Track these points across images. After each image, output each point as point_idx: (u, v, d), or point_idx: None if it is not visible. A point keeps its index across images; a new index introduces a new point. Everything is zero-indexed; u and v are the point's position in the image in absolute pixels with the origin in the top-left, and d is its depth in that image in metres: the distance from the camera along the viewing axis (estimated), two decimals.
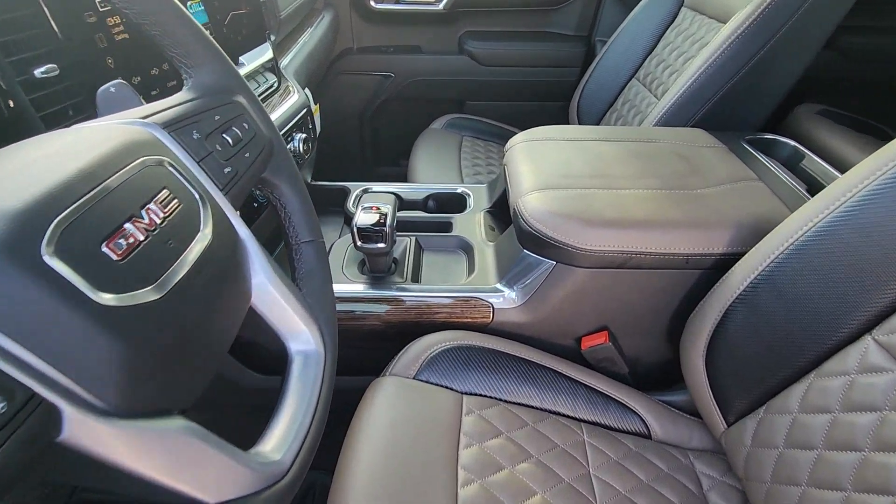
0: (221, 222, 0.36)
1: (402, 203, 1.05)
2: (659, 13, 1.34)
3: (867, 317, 0.51)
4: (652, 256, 0.70)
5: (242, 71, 0.81)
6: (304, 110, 0.95)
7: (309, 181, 1.05)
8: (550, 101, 1.74)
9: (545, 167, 0.82)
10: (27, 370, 0.22)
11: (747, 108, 1.03)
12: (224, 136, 0.41)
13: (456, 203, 1.04)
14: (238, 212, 0.42)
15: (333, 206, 1.06)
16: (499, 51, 1.67)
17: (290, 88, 0.96)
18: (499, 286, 0.80)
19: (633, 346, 0.82)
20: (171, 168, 0.33)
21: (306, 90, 1.22)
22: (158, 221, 0.30)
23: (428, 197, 1.05)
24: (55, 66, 0.50)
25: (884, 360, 0.49)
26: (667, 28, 1.34)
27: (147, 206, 0.30)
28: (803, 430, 0.57)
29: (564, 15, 1.63)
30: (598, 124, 1.49)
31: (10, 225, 0.23)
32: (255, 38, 0.87)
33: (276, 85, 0.91)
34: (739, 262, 0.66)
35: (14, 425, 0.21)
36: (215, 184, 0.39)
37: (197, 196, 0.34)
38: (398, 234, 0.91)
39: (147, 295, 0.27)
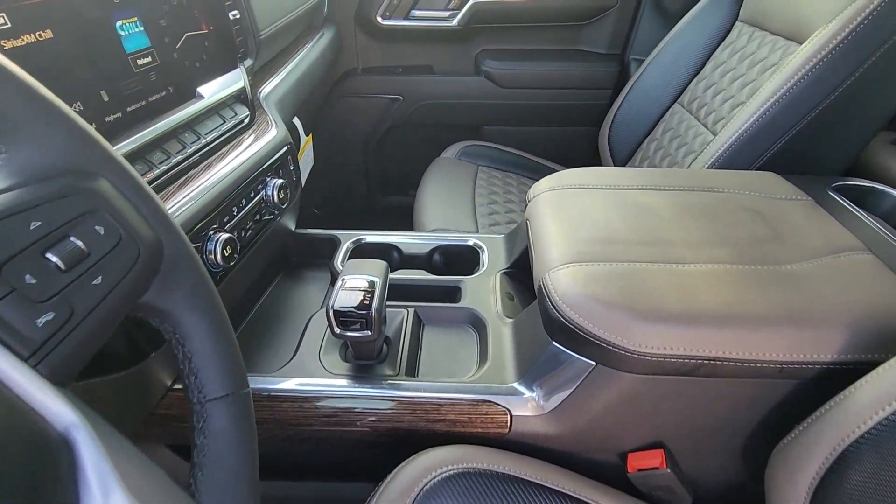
0: None
1: (401, 258, 0.87)
2: (708, 28, 1.16)
3: None
4: (731, 364, 0.51)
5: (198, 105, 0.65)
6: (284, 149, 0.79)
7: (292, 229, 0.88)
8: (577, 127, 1.55)
9: (580, 229, 0.63)
10: None
11: (830, 147, 0.83)
12: (48, 255, 0.24)
13: (467, 259, 0.86)
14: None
15: (320, 258, 0.89)
16: (519, 71, 1.49)
17: (269, 122, 0.80)
18: (518, 386, 0.61)
19: (698, 468, 0.62)
20: None
21: (295, 120, 1.06)
22: None
23: (433, 251, 0.87)
24: None
25: None
26: (717, 46, 1.15)
27: None
28: None
29: (594, 31, 1.45)
30: (633, 154, 1.31)
31: None
32: (221, 63, 0.71)
33: (247, 120, 0.75)
34: (864, 380, 0.46)
35: None
36: (12, 352, 0.22)
37: None
38: (393, 304, 0.73)
39: None
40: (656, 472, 0.58)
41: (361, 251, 0.87)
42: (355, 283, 0.60)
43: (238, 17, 0.78)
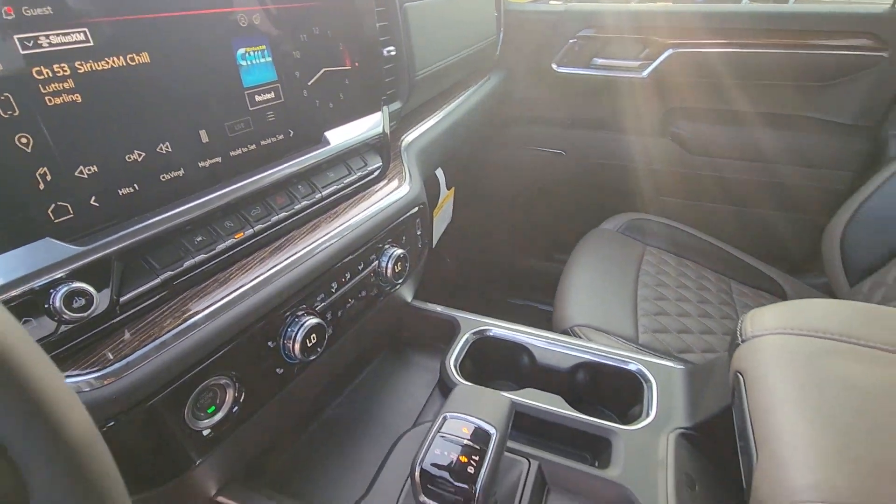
0: None
1: (532, 367, 0.66)
2: None
3: None
4: None
5: (322, 152, 0.53)
6: (415, 209, 0.65)
7: (408, 301, 0.73)
8: (792, 214, 1.19)
9: (864, 440, 0.36)
10: None
11: None
12: None
13: (624, 391, 0.62)
14: None
15: (435, 340, 0.73)
16: (719, 137, 1.20)
17: (403, 175, 0.67)
18: None
19: None
20: None
21: (439, 172, 0.94)
22: None
23: (578, 367, 0.65)
24: None
25: None
26: None
27: None
28: None
29: (838, 94, 1.10)
30: (880, 267, 0.93)
31: None
32: (360, 105, 0.60)
33: (378, 172, 0.62)
34: None
35: None
36: None
37: None
38: (512, 447, 0.52)
39: None
40: None
41: (484, 347, 0.68)
42: (460, 429, 0.41)
43: (393, 53, 0.68)
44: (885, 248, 0.93)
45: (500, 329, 0.69)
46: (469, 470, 0.39)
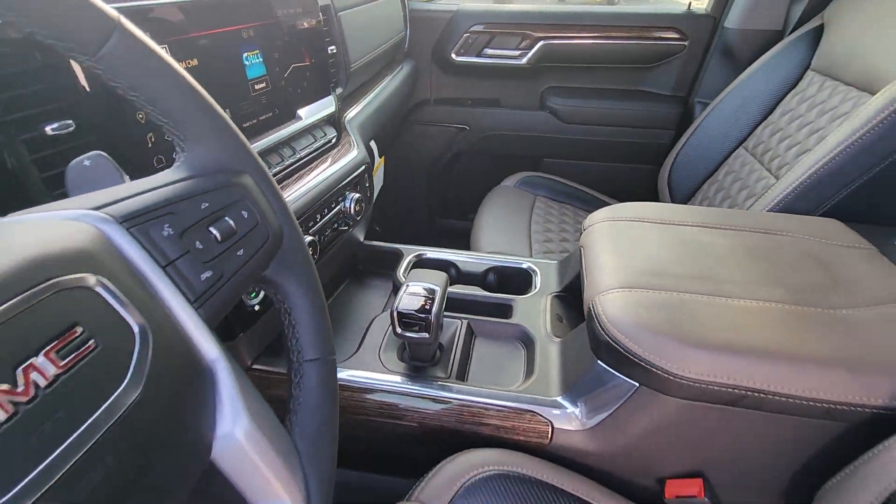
0: (168, 360, 0.25)
1: (458, 274, 0.93)
2: (778, 76, 1.17)
3: None
4: (776, 399, 0.52)
5: (297, 126, 0.75)
6: (362, 168, 0.88)
7: (361, 240, 0.97)
8: (637, 164, 1.58)
9: (633, 258, 0.67)
10: None
11: None
12: (210, 229, 0.32)
13: (520, 281, 0.91)
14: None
15: (384, 268, 0.97)
16: (583, 108, 1.55)
17: (351, 143, 0.89)
18: (562, 400, 0.65)
19: (737, 502, 0.62)
20: (102, 290, 0.24)
21: (372, 143, 1.17)
22: (44, 384, 0.20)
23: (488, 270, 0.93)
24: (70, 121, 0.45)
25: None
26: (786, 93, 1.16)
27: (29, 362, 0.20)
28: None
29: (660, 74, 1.49)
30: (693, 195, 1.31)
31: None
32: (318, 90, 0.82)
33: (334, 140, 0.84)
34: None
35: None
36: (184, 296, 0.29)
37: (135, 328, 0.24)
38: (448, 314, 0.79)
39: None
40: (694, 500, 0.59)
41: (422, 265, 0.94)
42: (418, 289, 0.66)
43: (334, 51, 0.89)
44: (694, 181, 1.31)
45: (434, 252, 0.95)
46: (426, 307, 0.64)
